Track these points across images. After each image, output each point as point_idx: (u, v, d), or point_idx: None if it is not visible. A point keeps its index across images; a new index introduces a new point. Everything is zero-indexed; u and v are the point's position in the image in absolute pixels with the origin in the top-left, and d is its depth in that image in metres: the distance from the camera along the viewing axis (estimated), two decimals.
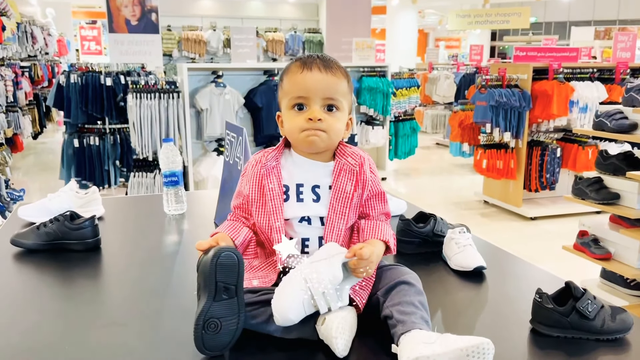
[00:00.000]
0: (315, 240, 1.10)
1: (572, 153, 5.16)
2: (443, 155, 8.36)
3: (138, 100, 4.41)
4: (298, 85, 1.06)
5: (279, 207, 1.08)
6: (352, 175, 1.10)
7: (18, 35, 7.99)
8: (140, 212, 1.92)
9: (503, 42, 19.37)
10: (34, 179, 6.95)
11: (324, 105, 1.07)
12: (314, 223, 1.10)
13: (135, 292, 1.26)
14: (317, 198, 1.10)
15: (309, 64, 1.07)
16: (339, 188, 1.10)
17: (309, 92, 1.06)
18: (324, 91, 1.06)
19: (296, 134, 1.07)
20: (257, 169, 1.11)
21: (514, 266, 1.41)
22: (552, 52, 5.53)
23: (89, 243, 1.47)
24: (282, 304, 0.93)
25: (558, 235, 4.58)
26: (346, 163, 1.11)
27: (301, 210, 1.09)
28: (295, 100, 1.07)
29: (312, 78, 1.05)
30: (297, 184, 1.10)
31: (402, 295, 1.00)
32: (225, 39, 9.47)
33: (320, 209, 1.09)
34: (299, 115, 1.06)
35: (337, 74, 1.08)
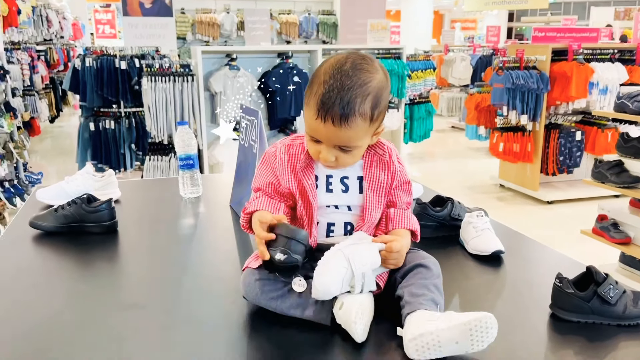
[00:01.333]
0: (340, 225, 1.11)
1: (591, 136, 5.08)
2: (458, 139, 8.27)
3: (153, 83, 4.41)
4: (312, 129, 1.01)
5: (315, 201, 1.09)
6: (383, 165, 1.11)
7: (33, 19, 8.03)
8: (156, 195, 1.92)
9: (521, 23, 18.99)
10: (51, 162, 7.03)
11: (338, 146, 1.02)
12: (341, 209, 1.10)
13: (153, 274, 1.27)
14: (345, 189, 1.10)
15: (324, 112, 0.96)
16: (373, 178, 1.10)
17: (322, 139, 1.01)
18: (337, 142, 1.01)
19: (313, 157, 1.06)
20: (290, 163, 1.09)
21: (532, 250, 1.39)
22: (571, 32, 5.41)
23: (106, 225, 1.48)
24: (325, 277, 0.94)
25: (575, 220, 4.52)
26: (375, 154, 1.11)
27: (330, 200, 1.10)
28: (309, 135, 1.03)
29: (325, 131, 0.98)
30: (326, 174, 1.10)
31: (418, 277, 1.00)
32: (239, 21, 9.41)
33: (348, 199, 1.10)
34: (315, 145, 1.03)
35: (354, 124, 0.97)
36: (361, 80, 0.97)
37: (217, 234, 1.54)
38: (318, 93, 0.97)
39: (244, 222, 1.09)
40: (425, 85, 6.54)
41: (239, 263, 1.29)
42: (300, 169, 1.08)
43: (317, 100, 0.97)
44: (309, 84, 1.03)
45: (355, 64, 0.98)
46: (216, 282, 1.21)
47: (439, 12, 18.99)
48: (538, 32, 5.30)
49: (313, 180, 1.09)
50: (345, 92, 0.96)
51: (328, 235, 1.11)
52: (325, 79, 0.98)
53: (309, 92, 1.01)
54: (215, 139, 4.82)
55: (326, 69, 1.00)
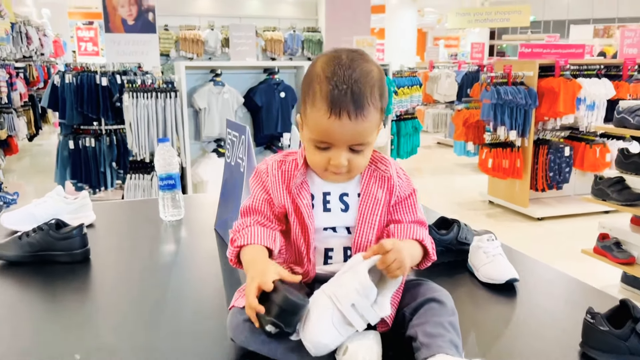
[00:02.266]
0: (339, 251, 0.99)
1: (580, 152, 5.04)
2: (445, 155, 8.23)
3: (134, 99, 4.27)
4: (322, 131, 0.90)
5: (312, 223, 0.97)
6: (383, 182, 0.99)
7: (12, 36, 7.86)
8: (134, 218, 1.78)
9: (502, 40, 19.25)
10: (29, 181, 6.82)
11: (350, 147, 0.92)
12: (340, 232, 0.99)
13: (128, 310, 1.13)
14: (345, 207, 0.98)
15: (336, 107, 0.88)
16: (369, 194, 0.98)
17: (334, 140, 0.91)
18: (352, 140, 0.91)
19: (317, 169, 0.96)
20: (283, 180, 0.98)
21: (548, 277, 1.27)
22: (557, 48, 5.41)
23: (77, 254, 1.33)
24: (311, 330, 0.81)
25: (567, 236, 4.45)
26: (376, 169, 1.00)
27: (328, 221, 0.98)
28: (319, 142, 0.92)
29: (341, 128, 0.89)
30: (323, 192, 0.98)
31: (431, 314, 0.88)
32: (224, 38, 9.33)
33: (348, 219, 0.98)
34: (321, 154, 0.93)
35: (369, 113, 0.90)
36: (364, 71, 0.91)
37: (200, 262, 1.40)
38: (324, 91, 0.89)
39: (232, 257, 0.97)
40: (411, 101, 6.49)
41: (225, 297, 1.16)
42: (295, 186, 0.97)
43: (326, 98, 0.89)
44: (305, 88, 0.94)
45: (351, 57, 0.92)
46: (199, 319, 1.07)
47: (422, 30, 19.18)
48: (524, 48, 5.28)
49: (309, 199, 0.97)
50: (353, 83, 0.89)
51: (326, 262, 0.99)
52: (327, 76, 0.90)
53: (310, 94, 0.91)
54: (199, 157, 4.68)
55: (323, 67, 0.91)
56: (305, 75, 0.95)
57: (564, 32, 16.44)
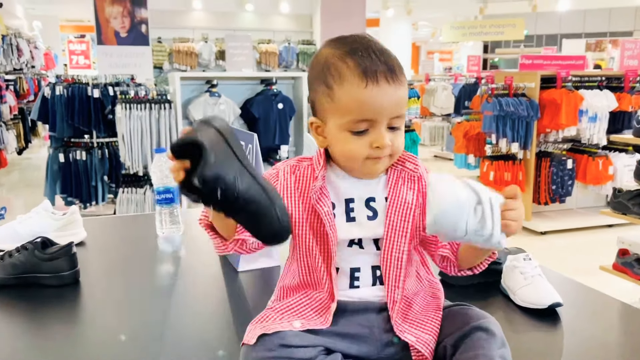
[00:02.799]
0: (367, 271, 0.85)
1: (582, 164, 4.96)
2: (442, 168, 8.14)
3: (127, 111, 4.15)
4: (363, 106, 0.79)
5: (334, 234, 0.84)
6: (412, 184, 0.86)
7: (3, 48, 7.73)
8: (129, 235, 1.64)
9: (495, 54, 19.34)
10: (18, 195, 6.66)
11: (389, 124, 0.82)
12: (367, 248, 0.85)
13: (120, 340, 0.99)
14: (373, 214, 0.85)
15: (372, 73, 0.79)
16: (397, 197, 0.85)
17: (376, 114, 0.79)
18: (393, 109, 0.80)
19: (356, 161, 0.83)
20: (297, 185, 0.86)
21: (591, 300, 1.15)
22: (557, 59, 5.36)
23: (65, 276, 1.19)
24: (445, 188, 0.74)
25: (573, 251, 4.34)
26: (404, 169, 0.87)
27: (353, 232, 0.84)
28: (356, 124, 0.80)
29: (381, 95, 0.79)
30: (346, 199, 0.85)
31: (479, 346, 0.75)
32: (218, 51, 9.25)
33: (377, 228, 0.85)
34: (359, 140, 0.81)
35: (403, 79, 0.82)
36: (379, 42, 0.84)
37: (202, 285, 1.26)
38: (351, 64, 0.80)
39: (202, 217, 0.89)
40: (409, 114, 6.42)
41: (231, 325, 1.03)
42: (314, 191, 0.84)
43: (356, 68, 0.79)
44: (319, 75, 0.83)
45: (358, 35, 0.85)
46: (201, 352, 0.93)
47: (415, 44, 19.23)
48: (525, 60, 5.23)
49: (330, 206, 0.84)
50: (378, 50, 0.81)
51: (352, 285, 0.85)
52: (346, 51, 0.81)
53: (331, 76, 0.81)
54: None
55: (335, 48, 0.83)
56: (313, 66, 0.85)
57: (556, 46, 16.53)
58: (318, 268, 0.84)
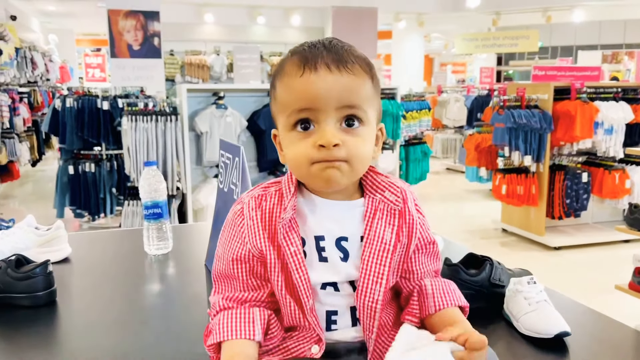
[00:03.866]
0: (345, 313, 0.76)
1: (598, 178, 4.82)
2: (455, 181, 8.02)
3: (133, 123, 4.12)
4: (298, 94, 0.70)
5: (306, 279, 0.74)
6: (392, 218, 0.76)
7: (17, 61, 7.81)
8: (115, 251, 1.58)
9: (509, 66, 19.19)
10: (30, 207, 6.69)
11: (340, 119, 0.71)
12: (343, 289, 0.76)
13: None
14: (344, 256, 0.75)
15: (312, 61, 0.70)
16: (375, 237, 0.75)
17: (316, 103, 0.69)
18: (338, 99, 0.70)
19: (303, 167, 0.72)
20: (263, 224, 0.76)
21: (602, 328, 1.05)
22: (571, 71, 5.25)
23: (40, 297, 1.13)
24: None
25: (588, 268, 4.21)
26: (382, 200, 0.77)
27: (326, 274, 0.75)
28: (295, 115, 0.71)
29: (319, 82, 0.69)
30: (315, 236, 0.75)
31: None
32: (229, 63, 9.27)
33: (351, 270, 0.75)
34: (304, 139, 0.71)
35: (356, 70, 0.71)
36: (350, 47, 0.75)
37: (188, 307, 1.18)
38: (294, 58, 0.73)
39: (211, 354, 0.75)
40: (420, 126, 6.32)
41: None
42: (281, 225, 0.74)
43: (298, 59, 0.72)
44: (272, 81, 0.76)
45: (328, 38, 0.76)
46: None
47: (428, 56, 19.18)
48: (538, 71, 5.13)
49: (298, 244, 0.74)
50: (333, 43, 0.74)
51: (329, 328, 0.76)
52: (297, 49, 0.75)
53: (276, 77, 0.75)
54: (200, 182, 4.50)
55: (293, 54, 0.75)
56: (275, 68, 0.78)
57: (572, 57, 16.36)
58: (294, 313, 0.76)
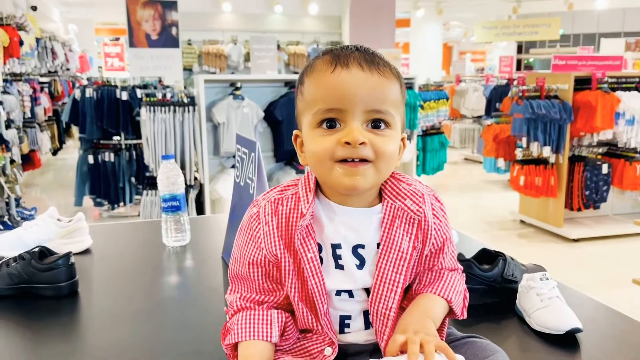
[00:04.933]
0: (359, 318, 0.78)
1: (619, 169, 4.75)
2: (472, 171, 7.96)
3: (152, 114, 4.17)
4: (328, 91, 0.70)
5: (322, 285, 0.75)
6: (410, 227, 0.76)
7: (38, 51, 7.92)
8: (135, 243, 1.61)
9: (529, 54, 18.88)
10: (51, 196, 6.81)
11: (367, 120, 0.71)
12: (357, 296, 0.77)
13: (119, 354, 0.95)
14: (360, 263, 0.76)
15: (344, 58, 0.71)
16: (392, 245, 0.75)
17: (345, 102, 0.69)
18: (368, 99, 0.70)
19: (325, 164, 0.72)
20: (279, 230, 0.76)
21: (615, 325, 1.05)
22: (592, 60, 5.16)
23: (63, 287, 1.16)
24: None
25: (608, 261, 4.16)
26: (402, 207, 0.76)
27: (341, 281, 0.76)
28: (323, 114, 0.71)
29: (351, 80, 0.70)
30: (332, 244, 0.76)
31: None
32: (246, 52, 9.29)
33: (366, 277, 0.76)
34: (329, 137, 0.71)
35: (387, 73, 0.72)
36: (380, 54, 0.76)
37: (205, 298, 1.20)
38: (325, 57, 0.74)
39: (228, 352, 0.78)
40: (438, 116, 6.28)
41: None
42: (299, 232, 0.74)
43: (329, 57, 0.73)
44: (300, 78, 0.77)
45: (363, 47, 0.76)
46: None
47: (447, 44, 18.96)
48: (558, 60, 5.05)
49: (315, 251, 0.74)
50: (362, 46, 0.75)
51: (342, 331, 0.78)
52: (328, 50, 0.75)
53: (306, 73, 0.75)
54: (218, 172, 4.55)
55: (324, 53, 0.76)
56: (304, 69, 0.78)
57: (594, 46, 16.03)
58: (307, 317, 0.77)
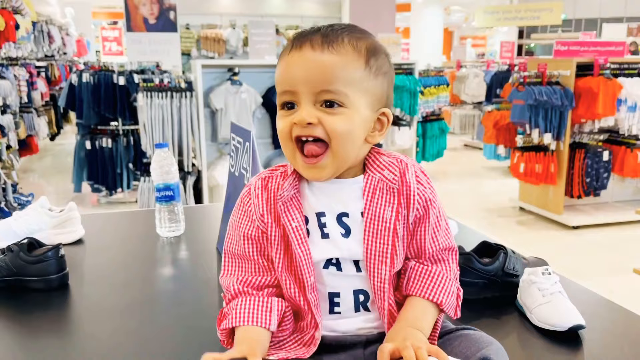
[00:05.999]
0: (348, 296, 0.76)
1: (619, 156, 4.72)
2: (472, 157, 7.93)
3: (149, 99, 4.12)
4: (282, 73, 0.74)
5: (308, 255, 0.74)
6: (391, 197, 0.76)
7: (34, 35, 7.82)
8: (128, 233, 1.58)
9: (530, 40, 18.73)
10: (49, 181, 6.79)
11: (320, 101, 0.72)
12: (346, 269, 0.75)
13: (109, 348, 0.93)
14: (346, 232, 0.75)
15: (302, 38, 0.73)
16: (375, 216, 0.75)
17: (294, 84, 0.72)
18: (315, 80, 0.71)
19: (285, 142, 0.75)
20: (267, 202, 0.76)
21: (618, 320, 1.02)
22: (595, 46, 5.09)
23: (52, 280, 1.13)
24: None
25: (607, 248, 4.15)
26: (382, 178, 0.76)
27: (327, 250, 0.74)
28: (280, 96, 0.74)
29: (300, 62, 0.72)
30: (317, 212, 0.75)
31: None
32: (245, 37, 9.20)
33: (353, 246, 0.75)
34: (286, 117, 0.74)
35: (343, 50, 0.72)
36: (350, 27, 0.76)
37: (199, 291, 1.17)
38: (289, 42, 0.75)
39: (223, 338, 0.76)
40: (438, 102, 6.23)
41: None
42: (282, 202, 0.75)
43: (292, 39, 0.75)
44: None
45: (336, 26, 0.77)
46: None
47: (448, 29, 18.79)
48: (560, 46, 4.99)
49: (300, 220, 0.74)
50: (337, 25, 0.75)
51: (332, 311, 0.76)
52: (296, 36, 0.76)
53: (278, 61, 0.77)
54: (215, 159, 4.51)
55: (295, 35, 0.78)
56: None
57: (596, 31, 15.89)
58: (295, 293, 0.75)
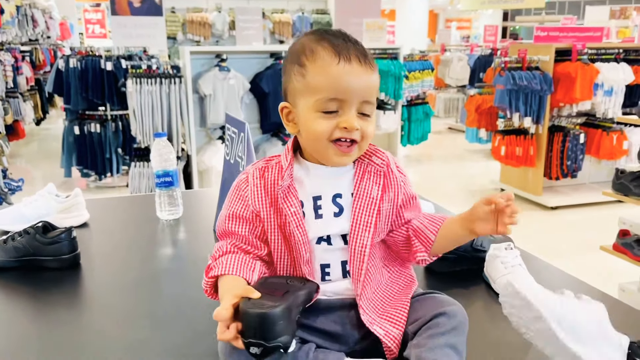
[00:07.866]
0: (337, 266, 0.88)
1: (596, 139, 4.89)
2: (456, 141, 8.08)
3: (138, 85, 4.18)
4: (334, 82, 0.80)
5: (305, 235, 0.86)
6: (378, 178, 0.89)
7: (18, 19, 7.76)
8: (130, 216, 1.69)
9: (515, 22, 18.85)
10: (37, 166, 6.78)
11: (359, 109, 0.83)
12: (335, 243, 0.87)
13: (120, 320, 1.05)
14: (339, 211, 0.87)
15: (345, 51, 0.82)
16: (363, 193, 0.88)
17: (347, 94, 0.81)
18: (363, 92, 0.82)
19: (321, 142, 0.83)
20: (266, 190, 0.87)
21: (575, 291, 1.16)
22: (574, 31, 5.22)
23: (66, 260, 1.25)
24: None
25: (583, 227, 4.33)
26: (370, 163, 0.90)
27: (321, 229, 0.87)
28: (326, 102, 0.81)
29: (353, 74, 0.81)
30: (313, 197, 0.87)
31: (431, 335, 0.79)
32: (231, 20, 9.19)
33: (342, 222, 0.87)
34: (327, 121, 0.82)
35: (374, 67, 0.86)
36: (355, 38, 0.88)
37: (198, 268, 1.29)
38: (324, 44, 0.83)
39: (207, 287, 0.86)
40: (422, 86, 6.34)
41: None
42: (281, 190, 0.86)
43: (329, 46, 0.83)
44: (293, 58, 0.85)
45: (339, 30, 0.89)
46: (196, 337, 0.98)
47: (433, 12, 18.82)
48: (540, 32, 5.11)
49: (297, 206, 0.86)
50: (351, 38, 0.86)
51: (323, 279, 0.88)
52: (322, 36, 0.85)
53: (304, 56, 0.84)
54: (205, 144, 4.60)
55: (311, 35, 0.86)
56: (290, 52, 0.87)
57: (579, 14, 16.03)
58: (289, 267, 0.88)
